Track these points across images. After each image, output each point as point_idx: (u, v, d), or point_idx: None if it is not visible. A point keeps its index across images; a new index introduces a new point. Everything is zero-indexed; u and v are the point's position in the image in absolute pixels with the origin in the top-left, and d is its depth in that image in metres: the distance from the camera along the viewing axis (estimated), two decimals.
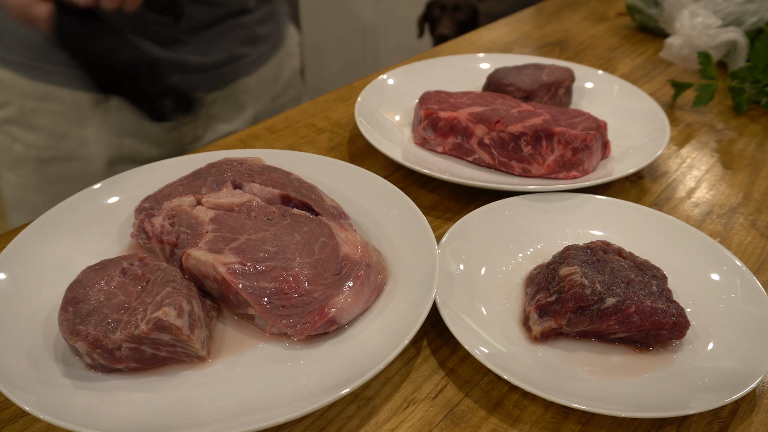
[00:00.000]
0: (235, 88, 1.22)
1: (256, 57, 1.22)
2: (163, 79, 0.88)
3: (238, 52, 1.18)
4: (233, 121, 1.22)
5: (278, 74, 1.30)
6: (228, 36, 1.16)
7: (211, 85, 1.18)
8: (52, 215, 0.74)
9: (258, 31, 1.21)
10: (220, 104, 1.22)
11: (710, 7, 1.27)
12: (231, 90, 1.21)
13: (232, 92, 1.22)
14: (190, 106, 0.94)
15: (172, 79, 1.11)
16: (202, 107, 1.17)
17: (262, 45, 1.23)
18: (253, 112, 1.24)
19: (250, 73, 1.22)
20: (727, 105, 1.14)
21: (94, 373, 0.60)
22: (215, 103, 1.21)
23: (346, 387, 0.56)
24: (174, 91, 0.91)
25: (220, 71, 1.17)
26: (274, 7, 1.25)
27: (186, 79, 1.16)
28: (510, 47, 1.35)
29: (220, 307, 0.67)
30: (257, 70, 1.23)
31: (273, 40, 1.26)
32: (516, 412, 0.61)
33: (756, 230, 0.85)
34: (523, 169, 0.87)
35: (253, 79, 1.23)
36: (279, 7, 1.29)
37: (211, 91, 1.19)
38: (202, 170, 0.80)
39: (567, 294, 0.63)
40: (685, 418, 0.60)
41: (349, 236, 0.69)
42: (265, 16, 1.22)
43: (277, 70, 1.29)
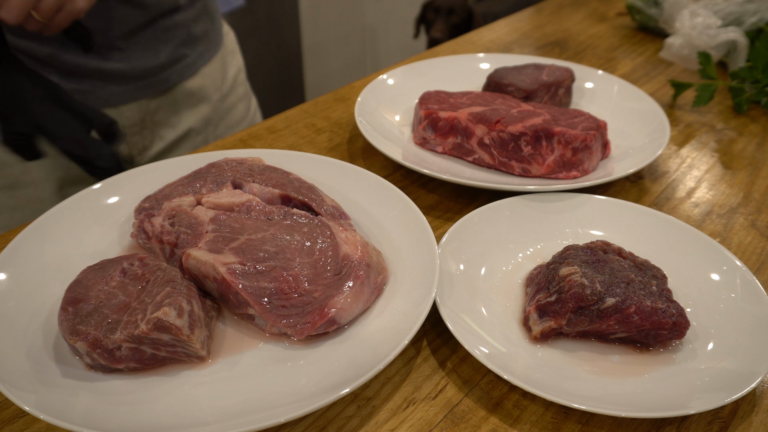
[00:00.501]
0: (179, 91, 1.19)
1: (196, 57, 1.20)
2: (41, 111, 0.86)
3: (178, 54, 1.16)
4: (179, 125, 1.20)
5: (223, 73, 1.28)
6: (164, 38, 1.14)
7: (156, 91, 1.15)
8: (52, 215, 0.74)
9: (194, 30, 1.19)
10: (165, 110, 1.19)
11: (710, 7, 1.27)
12: (175, 94, 1.18)
13: (176, 96, 1.19)
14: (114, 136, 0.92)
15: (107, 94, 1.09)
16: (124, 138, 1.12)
17: (199, 44, 1.21)
18: (202, 114, 1.23)
19: (192, 74, 1.20)
20: (727, 105, 1.14)
21: (94, 373, 0.60)
22: (160, 109, 1.18)
23: (346, 387, 0.56)
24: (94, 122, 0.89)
25: (162, 76, 1.15)
26: (206, 5, 1.23)
27: (128, 90, 1.12)
28: (510, 47, 1.35)
29: (220, 307, 0.67)
30: (199, 71, 1.21)
31: (211, 38, 1.24)
32: (516, 412, 0.61)
33: (756, 230, 0.85)
34: (523, 169, 0.87)
35: (196, 80, 1.21)
36: (210, 4, 1.26)
37: (155, 97, 1.16)
38: (202, 170, 0.80)
39: (567, 294, 0.63)
40: (685, 418, 0.60)
41: (349, 236, 0.69)
42: (199, 14, 1.20)
43: (221, 69, 1.27)
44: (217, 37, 1.26)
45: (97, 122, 0.90)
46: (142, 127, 1.18)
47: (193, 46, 1.19)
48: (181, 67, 1.17)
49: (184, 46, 1.17)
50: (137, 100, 1.14)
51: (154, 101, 1.16)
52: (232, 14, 2.30)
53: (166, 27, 1.14)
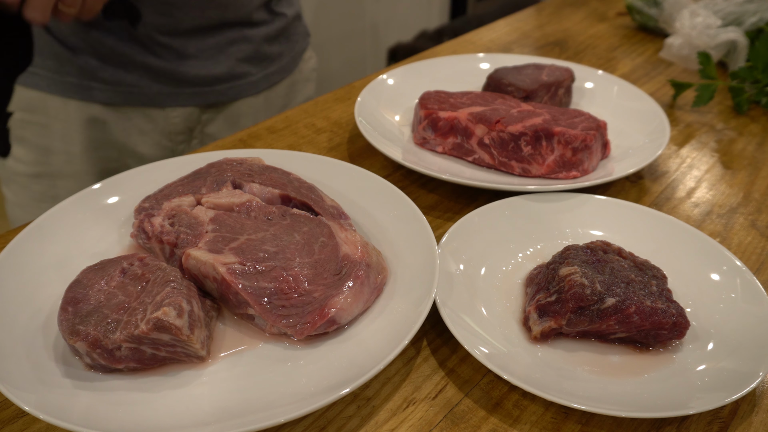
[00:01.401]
0: (235, 108, 1.15)
1: (261, 77, 1.15)
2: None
3: (240, 69, 1.11)
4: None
5: (288, 99, 1.22)
6: (228, 49, 1.08)
7: (207, 102, 1.11)
8: (52, 215, 0.74)
9: (265, 49, 1.13)
10: (219, 124, 1.15)
11: (710, 7, 1.27)
12: (231, 110, 1.14)
13: (231, 112, 1.14)
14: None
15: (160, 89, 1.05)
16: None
17: (269, 65, 1.15)
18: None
19: (253, 93, 1.15)
20: (727, 105, 1.14)
21: (93, 373, 0.60)
22: (212, 122, 1.14)
23: (346, 387, 0.56)
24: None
25: (217, 88, 1.10)
26: (288, 26, 1.17)
27: (176, 93, 1.07)
28: (510, 47, 1.35)
29: (220, 307, 0.67)
30: (262, 92, 1.16)
31: (284, 61, 1.18)
32: (516, 412, 0.61)
33: (756, 230, 0.85)
34: (523, 169, 0.87)
35: (256, 100, 1.16)
36: (294, 26, 1.20)
37: (208, 108, 1.12)
38: (202, 170, 0.80)
39: (567, 294, 0.63)
40: (685, 418, 0.60)
41: (349, 236, 0.69)
42: (276, 33, 1.14)
43: (288, 95, 1.22)
44: (291, 62, 1.20)
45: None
46: (190, 135, 1.14)
47: (261, 66, 1.14)
48: (242, 85, 1.12)
49: (249, 63, 1.12)
50: (185, 106, 1.10)
51: (206, 113, 1.12)
52: None
53: (232, 38, 1.08)
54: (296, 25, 1.21)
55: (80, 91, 1.05)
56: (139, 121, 1.11)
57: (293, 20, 1.19)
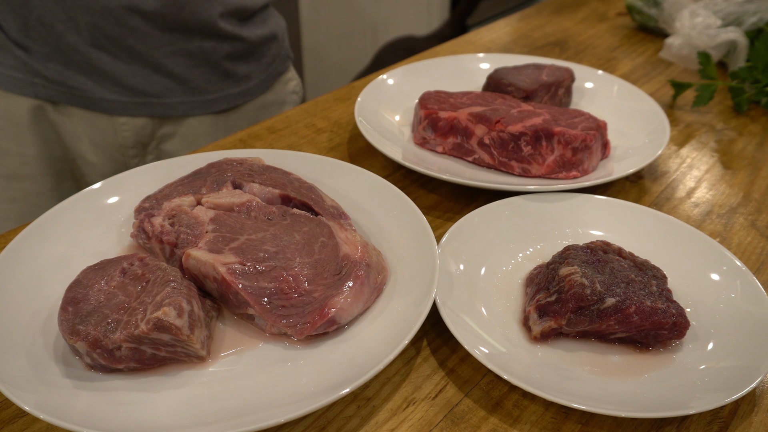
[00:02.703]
0: (192, 126, 1.08)
1: (221, 96, 1.08)
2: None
3: (194, 85, 1.04)
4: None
5: (256, 121, 1.15)
6: (184, 61, 1.01)
7: (154, 113, 1.04)
8: (52, 215, 0.74)
9: (228, 68, 1.06)
10: (176, 141, 1.09)
11: (710, 7, 1.27)
12: (187, 127, 1.08)
13: (188, 130, 1.08)
14: None
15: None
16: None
17: (232, 85, 1.08)
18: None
19: (209, 112, 1.08)
20: (727, 105, 1.14)
21: (94, 373, 0.60)
22: (169, 139, 1.08)
23: (346, 387, 0.56)
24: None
25: (166, 100, 1.03)
26: (259, 46, 1.10)
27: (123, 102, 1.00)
28: (510, 47, 1.35)
29: (220, 307, 0.67)
30: (222, 113, 1.09)
31: (251, 83, 1.11)
32: (516, 412, 0.61)
33: (756, 230, 0.85)
34: (523, 169, 0.87)
35: (216, 120, 1.09)
36: (267, 48, 1.12)
37: (162, 122, 1.05)
38: (202, 170, 0.80)
39: (567, 294, 0.63)
40: (685, 418, 0.60)
41: (349, 236, 0.69)
42: (242, 52, 1.07)
43: (257, 118, 1.15)
44: (261, 85, 1.13)
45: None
46: (144, 150, 1.09)
47: (222, 85, 1.07)
48: (196, 102, 1.06)
49: (206, 79, 1.05)
50: (133, 116, 1.04)
51: (162, 128, 1.07)
52: None
53: (189, 50, 1.01)
54: (271, 47, 1.14)
55: (23, 86, 0.99)
56: (87, 128, 1.05)
57: (267, 41, 1.13)
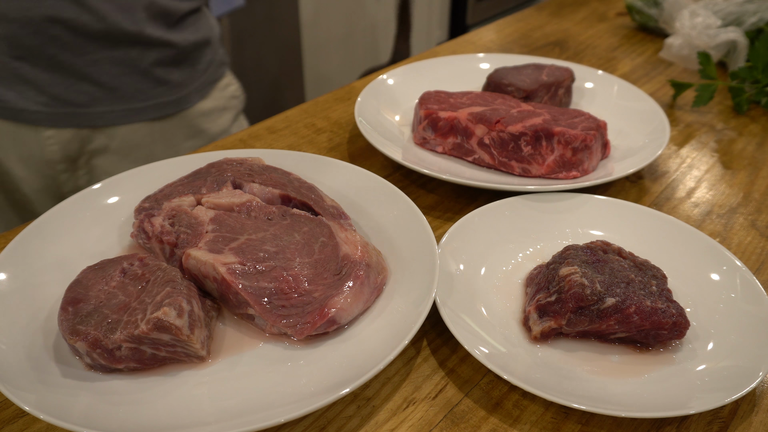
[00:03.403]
0: (125, 137, 1.03)
1: (152, 105, 1.03)
2: None
3: (123, 93, 0.98)
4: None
5: (197, 131, 1.11)
6: (110, 69, 0.96)
7: (81, 123, 0.98)
8: (52, 215, 0.74)
9: (159, 74, 1.02)
10: (109, 155, 1.03)
11: (710, 7, 1.27)
12: (120, 139, 1.03)
13: (122, 142, 1.03)
14: None
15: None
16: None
17: (164, 93, 1.03)
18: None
19: (140, 121, 1.02)
20: (727, 105, 1.14)
21: (94, 373, 0.60)
22: (102, 153, 1.03)
23: (346, 387, 0.56)
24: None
25: (92, 110, 0.98)
26: (192, 52, 1.06)
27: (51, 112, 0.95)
28: (510, 47, 1.35)
29: (220, 307, 0.67)
30: (157, 121, 1.04)
31: (185, 90, 1.06)
32: (516, 412, 0.61)
33: (756, 230, 0.85)
34: (523, 169, 0.87)
35: (150, 129, 1.04)
36: (202, 53, 1.08)
37: (91, 134, 1.00)
38: (202, 170, 0.80)
39: (567, 294, 0.63)
40: (685, 418, 0.60)
41: (349, 236, 0.69)
42: (173, 58, 1.03)
43: (195, 126, 1.10)
44: (196, 93, 1.08)
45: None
46: (74, 165, 1.03)
47: (154, 93, 1.03)
48: (125, 110, 1.00)
49: (135, 87, 1.00)
50: (59, 127, 0.98)
51: (92, 142, 1.01)
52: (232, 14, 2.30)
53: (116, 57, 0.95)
54: (204, 52, 1.10)
55: None
56: (12, 142, 1.00)
57: (200, 46, 1.09)
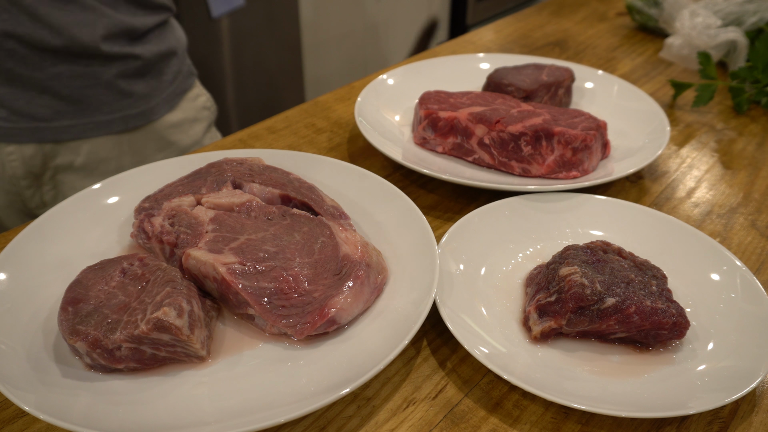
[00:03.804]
0: (90, 151, 1.01)
1: (118, 117, 1.01)
2: None
3: (85, 105, 0.97)
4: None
5: (167, 144, 1.09)
6: (71, 82, 0.95)
7: (43, 138, 0.96)
8: (52, 215, 0.74)
9: (122, 87, 1.00)
10: (75, 170, 1.02)
11: (710, 7, 1.27)
12: (85, 153, 1.01)
13: (87, 157, 1.01)
14: None
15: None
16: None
17: (130, 105, 1.02)
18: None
19: (105, 134, 1.01)
20: (727, 105, 1.14)
21: (94, 373, 0.60)
22: (67, 169, 1.01)
23: (346, 387, 0.56)
24: None
25: (54, 124, 0.96)
26: (156, 63, 1.04)
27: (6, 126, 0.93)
28: (510, 47, 1.35)
29: (220, 307, 0.67)
30: (125, 134, 1.03)
31: (152, 102, 1.05)
32: (516, 412, 0.61)
33: (756, 230, 0.85)
34: (523, 169, 0.87)
35: (117, 143, 1.03)
36: (166, 65, 1.06)
37: (53, 149, 0.98)
38: (202, 170, 0.80)
39: (567, 294, 0.63)
40: (685, 418, 0.60)
41: (349, 236, 0.69)
42: (136, 70, 1.01)
43: (165, 138, 1.08)
44: (164, 104, 1.07)
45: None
46: (39, 181, 1.02)
47: (118, 105, 1.01)
48: (88, 124, 0.99)
49: (99, 99, 0.98)
50: (20, 143, 0.96)
51: (55, 157, 0.99)
52: (232, 14, 2.30)
53: (76, 72, 0.95)
54: (170, 63, 1.08)
55: None
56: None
57: (164, 57, 1.07)
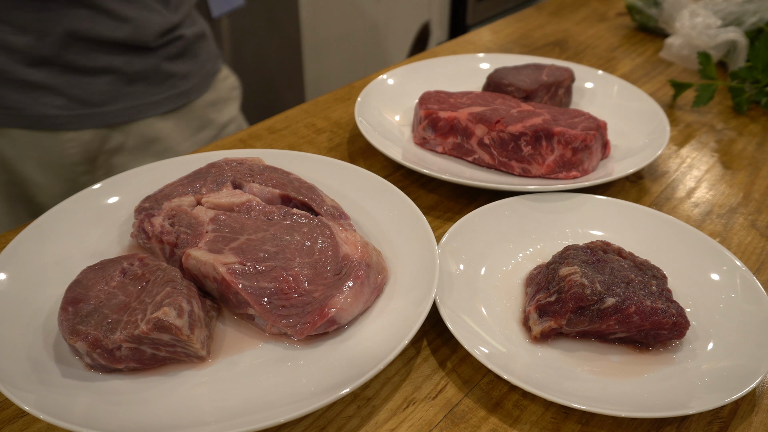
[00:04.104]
0: (141, 132, 1.07)
1: (164, 98, 1.07)
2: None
3: (134, 88, 1.03)
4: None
5: (207, 122, 1.15)
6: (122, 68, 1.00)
7: (99, 123, 1.02)
8: (52, 215, 0.74)
9: (167, 68, 1.06)
10: (127, 152, 1.07)
11: (710, 7, 1.27)
12: (136, 135, 1.07)
13: (138, 138, 1.07)
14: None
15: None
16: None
17: (174, 85, 1.08)
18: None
19: (154, 115, 1.07)
20: (727, 105, 1.14)
21: (94, 373, 0.60)
22: (119, 152, 1.07)
23: (346, 387, 0.56)
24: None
25: (107, 108, 1.01)
26: (191, 45, 1.10)
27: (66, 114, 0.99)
28: (510, 47, 1.35)
29: (220, 307, 0.67)
30: (170, 114, 1.08)
31: (192, 82, 1.11)
32: (516, 412, 0.61)
33: (756, 230, 0.85)
34: (523, 169, 0.87)
35: (165, 123, 1.08)
36: (200, 46, 1.12)
37: (109, 133, 1.04)
38: (202, 170, 0.80)
39: (567, 294, 0.63)
40: (685, 418, 0.60)
41: (349, 236, 0.69)
42: (178, 52, 1.07)
43: (205, 117, 1.15)
44: (202, 83, 1.13)
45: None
46: (93, 166, 1.06)
47: (164, 86, 1.07)
48: (140, 105, 1.05)
49: (146, 82, 1.04)
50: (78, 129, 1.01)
51: (109, 141, 1.04)
52: (232, 14, 2.30)
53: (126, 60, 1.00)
54: (203, 45, 1.15)
55: None
56: (31, 149, 1.03)
57: (198, 39, 1.13)
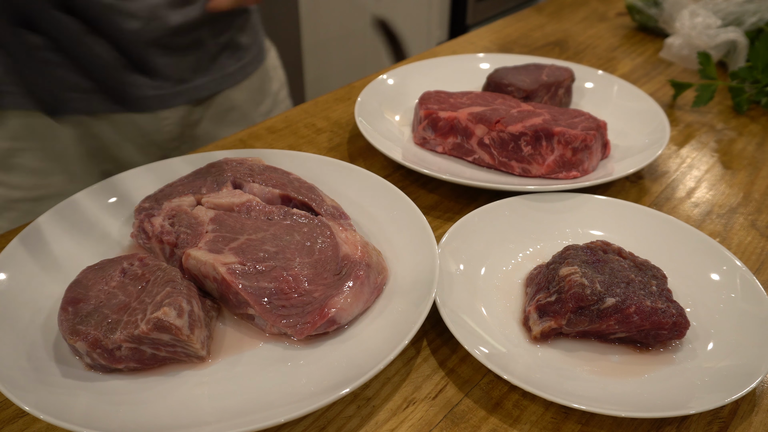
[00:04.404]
0: (217, 104, 1.13)
1: (237, 68, 1.14)
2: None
3: (217, 62, 1.10)
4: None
5: (265, 89, 1.22)
6: (208, 41, 1.07)
7: (191, 98, 1.08)
8: (52, 215, 0.74)
9: (238, 39, 1.13)
10: (206, 123, 1.13)
11: (710, 7, 1.27)
12: (214, 107, 1.13)
13: (216, 109, 1.13)
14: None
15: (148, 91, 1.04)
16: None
17: (242, 56, 1.15)
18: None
19: (231, 85, 1.14)
20: (727, 105, 1.14)
21: (94, 373, 0.60)
22: (200, 124, 1.13)
23: (346, 387, 0.56)
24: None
25: (196, 83, 1.08)
26: (251, 17, 1.18)
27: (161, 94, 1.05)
28: (510, 47, 1.35)
29: (220, 307, 0.67)
30: (239, 83, 1.15)
31: (254, 51, 1.18)
32: (516, 412, 0.61)
33: (756, 230, 0.85)
34: (523, 169, 0.87)
35: (237, 93, 1.15)
36: (255, 17, 1.21)
37: (195, 106, 1.10)
38: (202, 170, 0.80)
39: (567, 294, 0.63)
40: (685, 418, 0.60)
41: (349, 236, 0.69)
42: (242, 24, 1.15)
43: (263, 85, 1.21)
44: (260, 53, 1.21)
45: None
46: (181, 141, 1.13)
47: (235, 57, 1.14)
48: (220, 78, 1.11)
49: (224, 54, 1.11)
50: (172, 106, 1.07)
51: (194, 113, 1.10)
52: None
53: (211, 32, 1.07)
54: (256, 16, 1.22)
55: (60, 104, 0.99)
56: (130, 131, 1.08)
57: (253, 11, 1.21)
